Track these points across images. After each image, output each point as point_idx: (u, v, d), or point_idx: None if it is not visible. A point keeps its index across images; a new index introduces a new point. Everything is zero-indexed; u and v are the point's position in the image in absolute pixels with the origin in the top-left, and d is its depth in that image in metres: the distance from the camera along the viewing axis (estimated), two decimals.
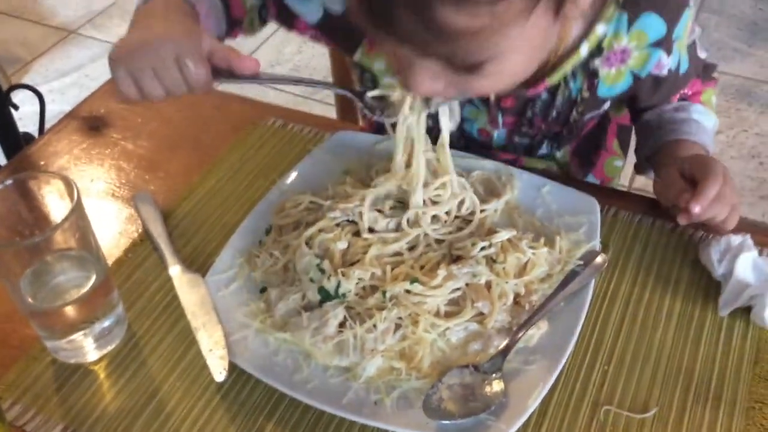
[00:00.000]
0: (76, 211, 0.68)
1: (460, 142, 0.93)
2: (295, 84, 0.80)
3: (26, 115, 1.90)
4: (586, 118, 0.92)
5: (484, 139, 0.95)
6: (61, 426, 0.70)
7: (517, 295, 0.76)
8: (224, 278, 0.78)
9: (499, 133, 0.94)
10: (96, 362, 0.75)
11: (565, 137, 0.94)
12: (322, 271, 0.75)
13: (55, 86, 2.48)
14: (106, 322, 0.74)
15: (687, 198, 0.77)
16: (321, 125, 1.00)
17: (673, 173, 0.82)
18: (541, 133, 0.93)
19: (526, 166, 0.91)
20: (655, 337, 0.75)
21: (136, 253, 0.85)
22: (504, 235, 0.78)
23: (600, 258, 0.78)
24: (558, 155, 1.00)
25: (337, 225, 0.79)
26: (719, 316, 0.77)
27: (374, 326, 0.71)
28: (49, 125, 1.14)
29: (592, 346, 0.74)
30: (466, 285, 0.75)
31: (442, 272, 0.74)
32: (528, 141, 0.95)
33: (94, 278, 0.72)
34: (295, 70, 2.51)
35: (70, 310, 0.72)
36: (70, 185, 0.69)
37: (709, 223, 0.80)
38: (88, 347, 0.74)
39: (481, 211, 0.82)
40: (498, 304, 0.74)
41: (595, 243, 0.80)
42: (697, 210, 0.76)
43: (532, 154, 0.98)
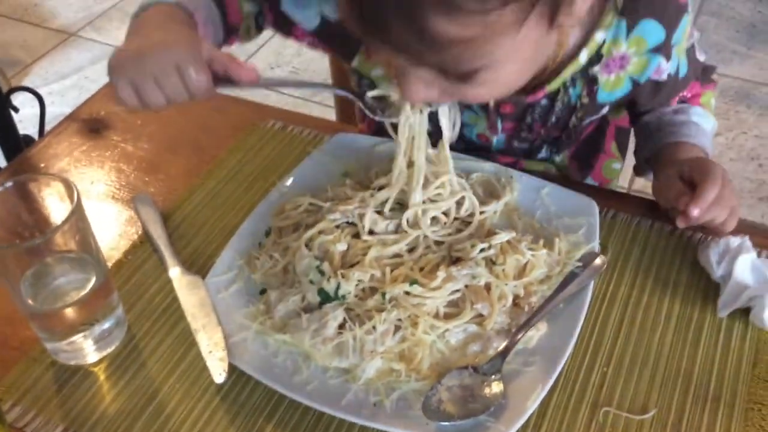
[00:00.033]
0: (76, 213, 0.68)
1: (460, 146, 0.93)
2: (295, 87, 0.80)
3: (26, 118, 1.90)
4: (585, 123, 0.92)
5: (483, 144, 0.95)
6: (61, 427, 0.70)
7: (517, 297, 0.76)
8: (224, 280, 0.78)
9: (498, 139, 0.94)
10: (96, 364, 0.75)
11: (564, 142, 0.94)
12: (322, 273, 0.75)
13: (55, 89, 2.48)
14: (106, 324, 0.74)
15: (686, 201, 0.77)
16: (320, 127, 1.00)
17: (672, 176, 0.82)
18: (540, 138, 0.93)
19: (526, 168, 0.91)
20: (654, 339, 0.75)
21: (136, 255, 0.85)
22: (503, 237, 0.78)
23: (599, 260, 0.79)
24: (557, 159, 1.01)
25: (337, 227, 0.80)
26: (718, 317, 0.77)
27: (374, 328, 0.71)
28: (49, 127, 1.15)
29: (591, 348, 0.74)
30: (466, 287, 0.75)
31: (442, 274, 0.74)
32: (527, 146, 0.95)
33: (94, 280, 0.72)
34: (295, 73, 2.51)
35: (70, 312, 0.72)
36: (70, 187, 0.69)
37: (708, 226, 0.80)
38: (88, 349, 0.74)
39: (481, 212, 0.82)
40: (497, 305, 0.74)
41: (594, 245, 0.80)
42: (695, 213, 0.76)
43: (531, 158, 0.98)
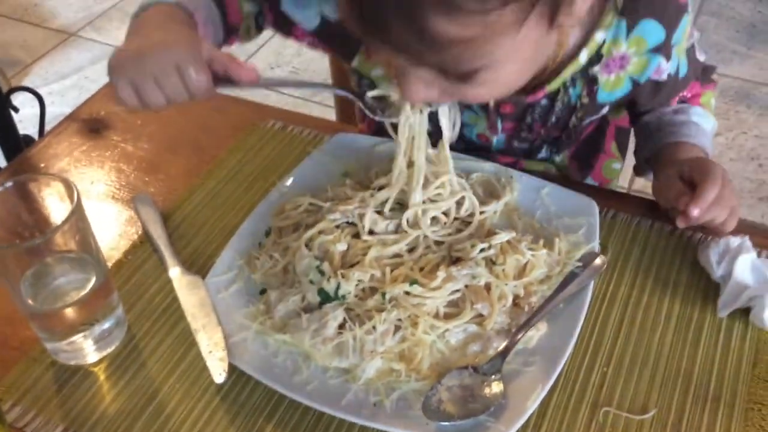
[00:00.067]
0: (76, 213, 0.68)
1: (460, 146, 0.93)
2: (295, 87, 0.80)
3: (26, 118, 1.90)
4: (585, 123, 0.92)
5: (484, 144, 0.95)
6: (61, 427, 0.70)
7: (517, 297, 0.76)
8: (224, 280, 0.78)
9: (498, 139, 0.94)
10: (96, 364, 0.75)
11: (565, 142, 0.94)
12: (322, 273, 0.75)
13: (55, 89, 2.48)
14: (106, 324, 0.74)
15: (686, 201, 0.77)
16: (320, 127, 1.00)
17: (672, 176, 0.82)
18: (540, 138, 0.93)
19: (526, 168, 0.91)
20: (654, 339, 0.75)
21: (136, 255, 0.85)
22: (503, 237, 0.78)
23: (599, 260, 0.79)
24: (557, 159, 1.01)
25: (337, 227, 0.80)
26: (718, 317, 0.77)
27: (374, 328, 0.71)
28: (49, 127, 1.15)
29: (591, 348, 0.74)
30: (466, 287, 0.75)
31: (442, 274, 0.74)
32: (527, 146, 0.95)
33: (94, 280, 0.72)
34: (295, 72, 2.51)
35: (70, 312, 0.72)
36: (70, 187, 0.69)
37: (708, 226, 0.80)
38: (88, 349, 0.74)
39: (481, 212, 0.82)
40: (497, 305, 0.74)
41: (594, 245, 0.80)
42: (695, 213, 0.76)
43: (532, 158, 0.98)
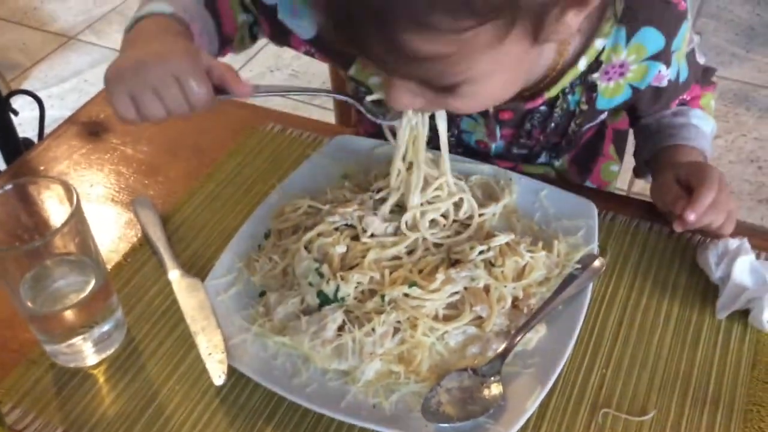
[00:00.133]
0: (76, 215, 0.68)
1: (458, 152, 0.93)
2: (295, 93, 0.80)
3: (26, 121, 1.90)
4: (584, 129, 0.92)
5: (482, 150, 0.95)
6: (61, 430, 0.70)
7: (516, 299, 0.76)
8: (223, 282, 0.78)
9: (497, 145, 0.94)
10: (95, 366, 0.75)
11: (564, 148, 0.94)
12: (321, 275, 0.75)
13: (55, 92, 2.48)
14: (106, 327, 0.74)
15: (682, 205, 0.77)
16: (319, 130, 1.01)
17: (669, 179, 0.82)
18: (539, 145, 0.93)
19: (525, 172, 0.91)
20: (653, 341, 0.75)
21: (136, 257, 0.85)
22: (502, 239, 0.78)
23: (598, 262, 0.79)
24: (556, 164, 1.00)
25: (336, 229, 0.80)
26: (717, 319, 0.77)
27: (373, 330, 0.71)
28: (48, 130, 1.14)
29: (591, 350, 0.74)
30: (465, 289, 0.75)
31: (441, 276, 0.74)
32: (526, 152, 0.95)
33: (93, 283, 0.72)
34: (294, 76, 2.51)
35: (70, 315, 0.72)
36: (69, 190, 0.69)
37: (705, 230, 0.80)
38: (87, 351, 0.74)
39: (480, 215, 0.82)
40: (496, 307, 0.74)
41: (593, 247, 0.80)
42: (692, 218, 0.76)
43: (530, 163, 0.98)
